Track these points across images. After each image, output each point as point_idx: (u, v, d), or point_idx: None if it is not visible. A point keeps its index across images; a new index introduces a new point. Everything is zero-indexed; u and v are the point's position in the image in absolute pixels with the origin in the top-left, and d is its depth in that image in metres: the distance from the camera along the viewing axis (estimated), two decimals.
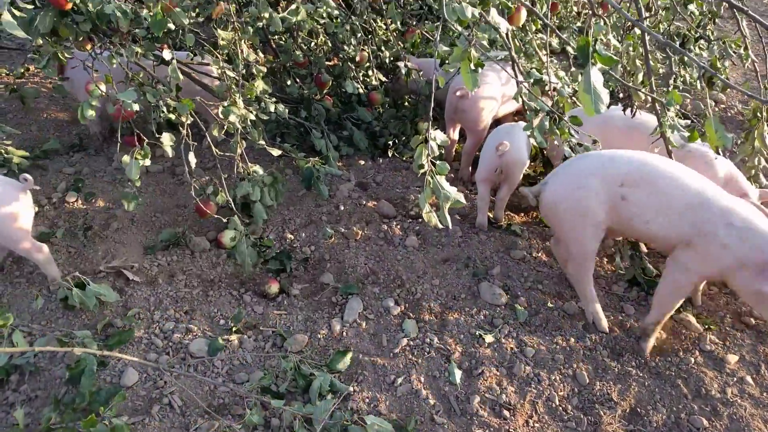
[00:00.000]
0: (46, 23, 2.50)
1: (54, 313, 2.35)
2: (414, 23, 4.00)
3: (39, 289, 2.47)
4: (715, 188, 2.23)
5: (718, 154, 2.83)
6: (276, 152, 2.96)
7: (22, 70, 4.04)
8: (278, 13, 3.09)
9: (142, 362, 1.85)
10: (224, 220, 2.67)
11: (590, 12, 1.60)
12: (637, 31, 2.88)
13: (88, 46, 2.89)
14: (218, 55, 2.93)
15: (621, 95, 4.16)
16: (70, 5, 2.53)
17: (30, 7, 2.43)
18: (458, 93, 3.33)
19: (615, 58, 1.56)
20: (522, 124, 3.20)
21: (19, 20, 2.42)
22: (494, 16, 2.10)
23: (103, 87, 2.65)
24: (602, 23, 2.07)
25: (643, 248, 2.90)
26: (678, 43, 4.11)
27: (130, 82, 2.88)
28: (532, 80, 2.57)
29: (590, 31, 1.56)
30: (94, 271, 2.57)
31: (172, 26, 2.74)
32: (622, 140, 2.91)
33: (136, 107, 2.56)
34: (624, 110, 2.82)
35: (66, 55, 2.75)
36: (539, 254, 2.95)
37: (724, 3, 2.86)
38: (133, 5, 2.87)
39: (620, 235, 2.73)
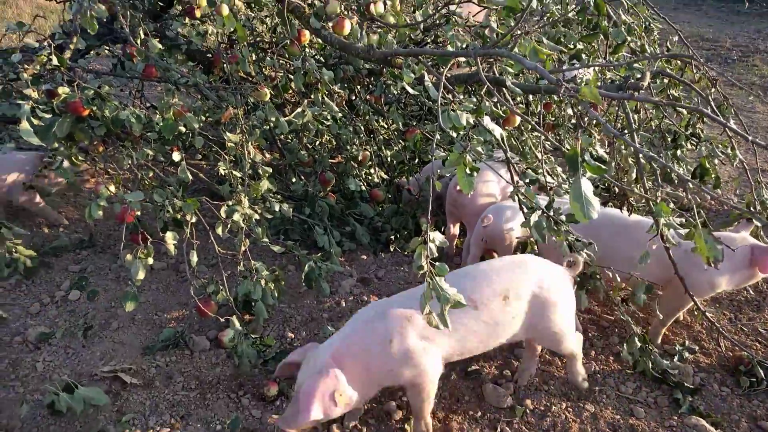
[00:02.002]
0: (64, 129, 2.63)
1: (46, 420, 2.29)
2: (414, 123, 4.18)
3: (31, 393, 2.42)
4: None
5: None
6: (279, 249, 2.99)
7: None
8: (284, 115, 3.24)
9: None
10: (222, 320, 2.65)
11: (578, 124, 1.68)
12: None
13: (101, 149, 3.02)
14: (225, 156, 3.04)
15: (616, 191, 4.25)
16: (87, 111, 2.68)
17: (48, 115, 2.56)
18: (458, 188, 3.42)
19: (603, 167, 1.62)
20: (513, 204, 3.32)
21: (37, 127, 2.55)
22: (488, 123, 2.20)
23: (112, 188, 2.74)
24: (590, 135, 2.16)
25: (657, 341, 2.90)
26: (670, 139, 4.25)
27: (140, 183, 2.98)
28: (527, 180, 2.65)
29: (578, 141, 1.63)
30: (91, 373, 2.53)
31: (182, 129, 2.88)
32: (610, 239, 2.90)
33: (138, 212, 2.61)
34: (621, 209, 2.87)
35: (80, 158, 2.87)
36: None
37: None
38: (146, 110, 3.02)
39: None
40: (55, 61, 2.59)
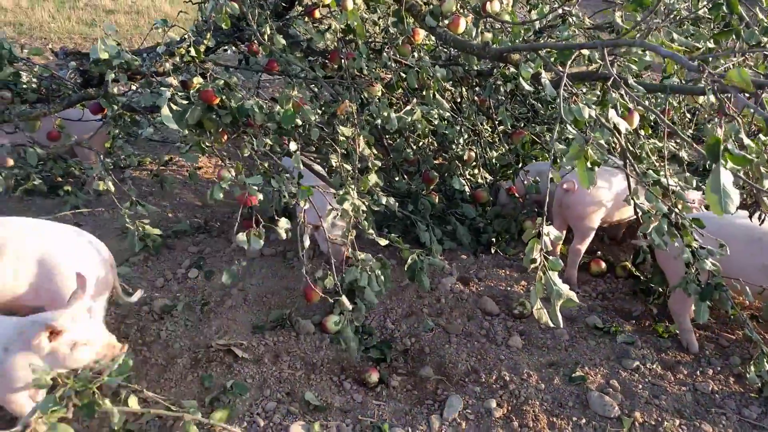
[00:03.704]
0: (195, 116, 2.83)
1: (168, 383, 2.47)
2: (522, 125, 4.11)
3: (156, 358, 2.62)
4: None
5: None
6: (383, 242, 3.04)
7: (167, 159, 4.59)
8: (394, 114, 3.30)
9: None
10: (331, 301, 2.73)
11: (720, 113, 1.57)
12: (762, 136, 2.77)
13: (224, 137, 3.22)
14: (338, 149, 3.14)
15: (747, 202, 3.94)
16: (218, 100, 2.87)
17: (185, 102, 2.78)
18: (565, 186, 3.30)
19: (749, 157, 1.51)
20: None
21: (174, 113, 2.76)
22: (613, 117, 2.12)
23: (233, 172, 2.91)
24: (736, 124, 2.01)
25: None
26: None
27: (257, 169, 3.15)
28: (651, 180, 2.53)
29: (721, 130, 1.53)
30: (207, 345, 2.69)
31: (299, 122, 3.01)
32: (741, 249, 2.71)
33: (260, 196, 2.76)
34: (750, 217, 2.67)
35: (207, 144, 3.07)
36: (654, 365, 2.73)
37: None
38: (268, 102, 3.19)
39: None
40: (192, 52, 2.80)
